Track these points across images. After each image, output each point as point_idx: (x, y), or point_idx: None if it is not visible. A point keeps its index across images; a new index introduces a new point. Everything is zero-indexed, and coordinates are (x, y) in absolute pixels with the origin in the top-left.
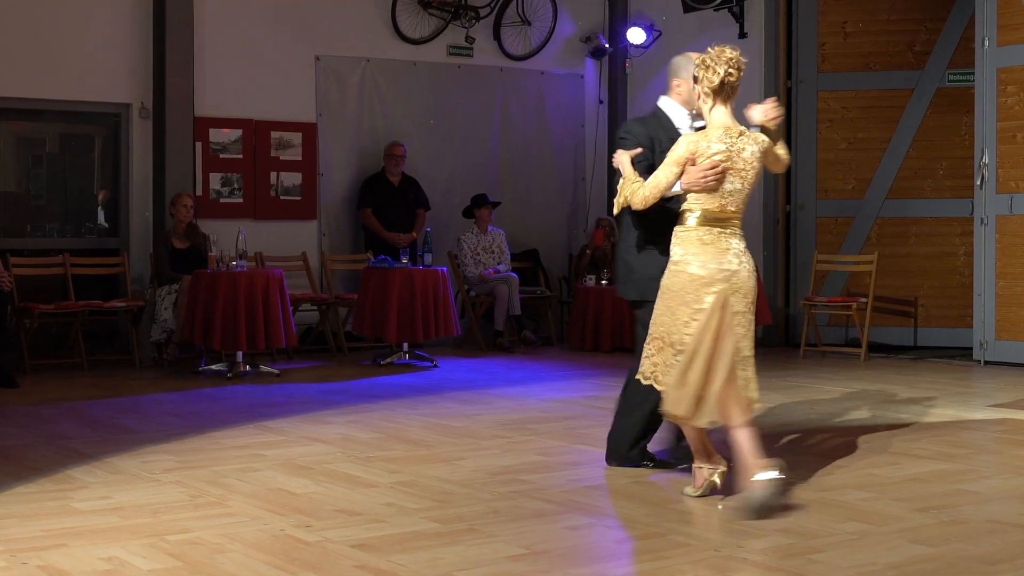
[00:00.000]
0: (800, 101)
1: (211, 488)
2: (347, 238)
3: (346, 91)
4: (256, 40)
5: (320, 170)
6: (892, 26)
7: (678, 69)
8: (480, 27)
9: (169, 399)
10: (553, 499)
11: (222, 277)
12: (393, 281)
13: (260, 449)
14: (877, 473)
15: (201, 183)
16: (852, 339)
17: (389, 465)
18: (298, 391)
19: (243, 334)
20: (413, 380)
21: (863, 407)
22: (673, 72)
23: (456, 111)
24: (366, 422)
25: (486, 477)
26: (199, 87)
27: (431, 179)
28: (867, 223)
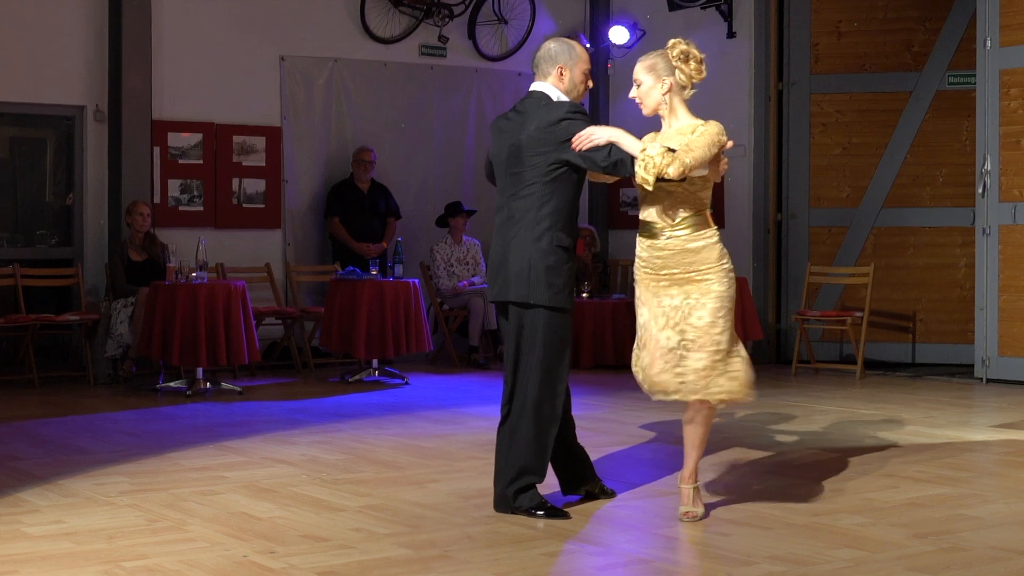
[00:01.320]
0: (792, 104)
1: (169, 512)
2: (313, 248)
3: (312, 93)
4: (217, 39)
5: (285, 176)
6: (889, 25)
7: (558, 55)
8: (454, 26)
9: (125, 418)
10: (531, 524)
11: (181, 289)
12: (362, 294)
13: (221, 471)
14: (873, 497)
15: (159, 190)
16: (847, 356)
17: (358, 488)
18: (261, 410)
19: (203, 350)
20: (383, 398)
21: (858, 427)
22: (553, 59)
23: (429, 114)
24: (333, 443)
25: (460, 501)
26: (157, 88)
27: (402, 186)
28: (863, 233)
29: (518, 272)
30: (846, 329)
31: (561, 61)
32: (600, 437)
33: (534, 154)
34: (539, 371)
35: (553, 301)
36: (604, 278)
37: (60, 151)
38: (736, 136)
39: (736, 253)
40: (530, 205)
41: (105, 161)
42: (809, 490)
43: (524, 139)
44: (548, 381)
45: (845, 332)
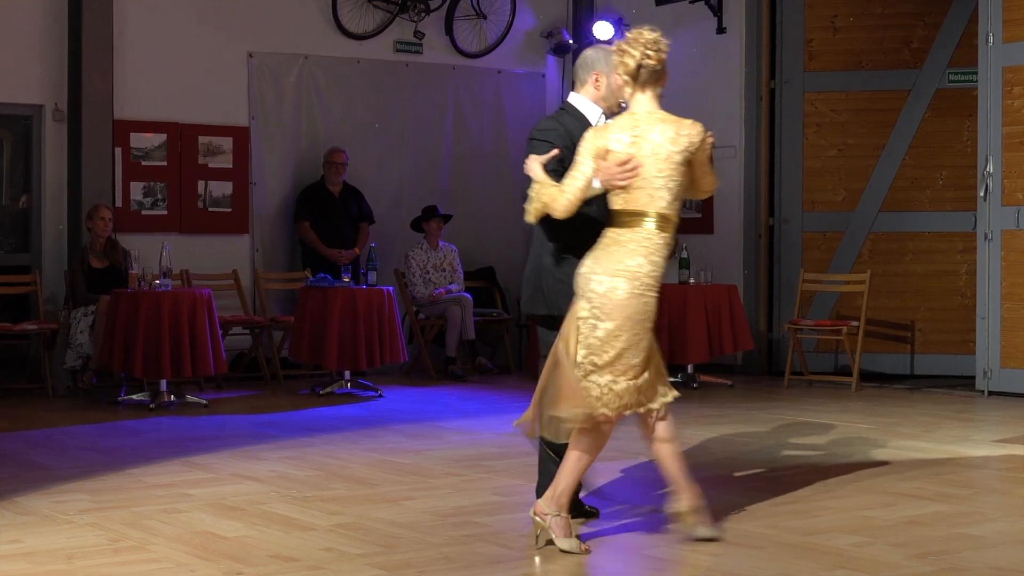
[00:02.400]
0: (785, 103)
1: (132, 531)
2: (283, 254)
3: (282, 91)
4: (182, 34)
5: (253, 179)
6: (887, 21)
7: (595, 62)
8: (430, 21)
9: (85, 432)
10: (511, 544)
11: (144, 297)
12: (334, 302)
13: (186, 488)
14: (870, 515)
15: (121, 193)
16: (842, 367)
17: (329, 506)
18: (228, 424)
19: (167, 360)
20: (356, 412)
21: (854, 442)
22: (590, 66)
23: (404, 114)
24: (303, 458)
25: (436, 519)
26: (119, 86)
27: (376, 189)
28: (859, 238)
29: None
30: (841, 339)
31: (598, 68)
32: None
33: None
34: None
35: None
36: None
37: (17, 152)
38: (726, 137)
39: (726, 259)
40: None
41: (64, 163)
42: (801, 508)
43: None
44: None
45: (840, 342)
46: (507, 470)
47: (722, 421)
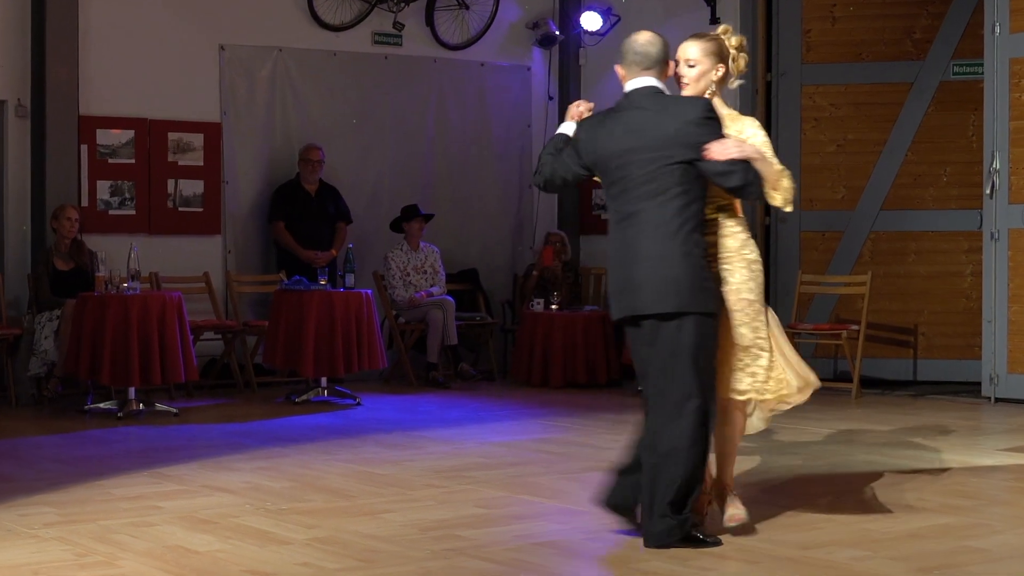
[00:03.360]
0: (781, 97)
1: (99, 546)
2: (256, 256)
3: (255, 86)
4: (151, 26)
5: (225, 177)
6: (888, 10)
7: (668, 50)
8: (410, 11)
9: (50, 442)
10: (495, 558)
11: (111, 301)
12: (309, 306)
13: (156, 500)
14: (871, 528)
15: (87, 192)
16: (842, 373)
17: (305, 519)
18: (200, 433)
19: (136, 367)
20: (333, 420)
21: (854, 451)
22: (667, 53)
23: (383, 109)
24: (278, 469)
25: (417, 533)
26: (84, 81)
27: (354, 188)
28: (859, 238)
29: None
30: (841, 344)
31: (670, 56)
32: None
33: (671, 154)
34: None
35: (706, 307)
36: (576, 288)
37: None
38: None
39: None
40: (671, 210)
41: (28, 161)
42: (799, 521)
43: (660, 139)
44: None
45: (840, 347)
46: (490, 481)
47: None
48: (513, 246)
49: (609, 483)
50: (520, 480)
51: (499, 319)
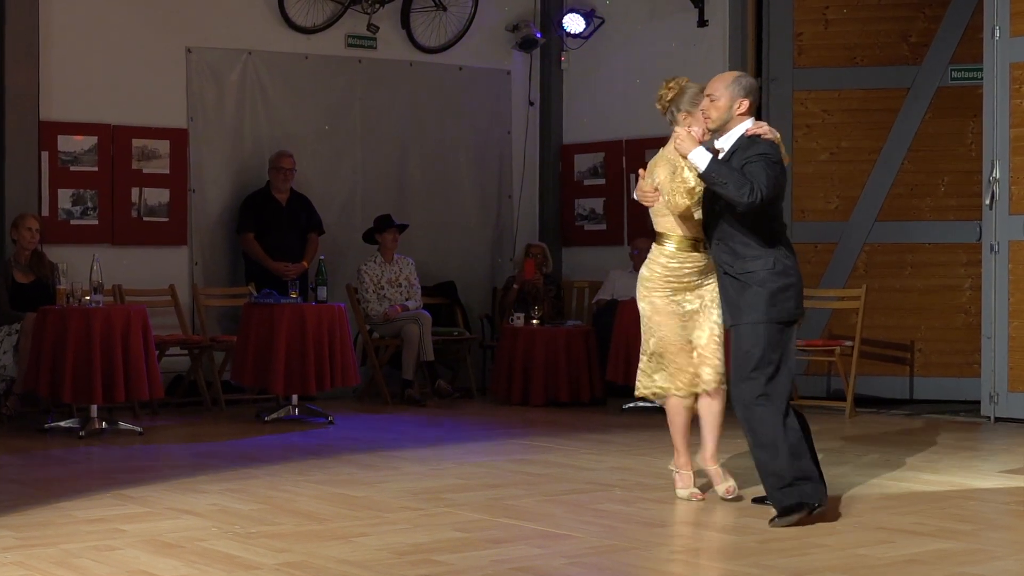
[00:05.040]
0: (772, 103)
1: (60, 571)
2: (224, 268)
3: (223, 90)
4: (115, 28)
5: (192, 186)
6: (883, 12)
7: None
8: (385, 13)
9: (8, 463)
10: None
11: (73, 315)
12: (280, 320)
13: (119, 523)
14: (865, 553)
15: (48, 201)
16: (835, 391)
17: (275, 543)
18: (165, 453)
19: (98, 384)
20: (304, 440)
21: (847, 473)
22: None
23: (356, 114)
24: (247, 491)
25: (392, 557)
26: (45, 85)
27: (326, 197)
28: (853, 250)
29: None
30: (834, 360)
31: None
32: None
33: None
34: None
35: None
36: (557, 302)
37: None
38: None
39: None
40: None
41: None
42: (790, 546)
43: None
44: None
45: (833, 364)
46: (469, 504)
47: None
48: (492, 258)
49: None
50: (499, 502)
51: (478, 334)
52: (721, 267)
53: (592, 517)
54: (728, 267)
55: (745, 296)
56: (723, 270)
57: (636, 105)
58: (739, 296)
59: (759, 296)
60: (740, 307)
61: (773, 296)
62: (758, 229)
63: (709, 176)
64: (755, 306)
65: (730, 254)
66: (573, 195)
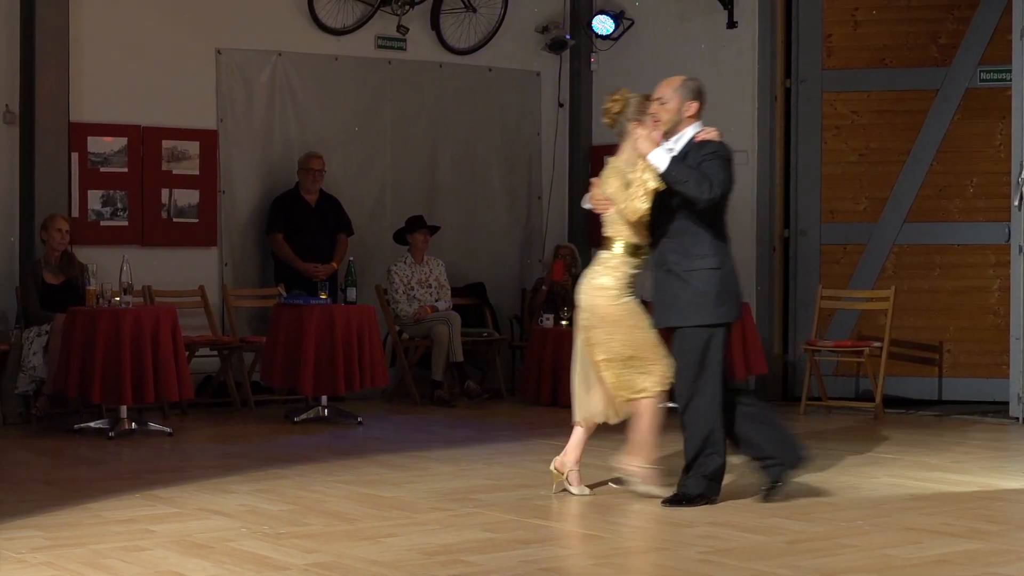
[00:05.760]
0: (801, 105)
1: (89, 571)
2: (254, 269)
3: (253, 91)
4: (145, 29)
5: (221, 187)
6: (912, 14)
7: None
8: (415, 15)
9: (39, 462)
10: None
11: (103, 316)
12: (309, 321)
13: (148, 524)
14: (894, 554)
15: (77, 202)
16: (864, 392)
17: (304, 543)
18: (195, 453)
19: (128, 385)
20: (333, 441)
21: (876, 473)
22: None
23: (386, 115)
24: (276, 491)
25: (421, 558)
26: (75, 86)
27: (355, 198)
28: (882, 252)
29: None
30: (863, 361)
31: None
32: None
33: None
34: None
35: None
36: None
37: None
38: (737, 141)
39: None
40: None
41: (16, 169)
42: (819, 546)
43: None
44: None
45: (862, 365)
46: (498, 504)
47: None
48: (521, 259)
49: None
50: (528, 503)
51: (507, 335)
52: (665, 264)
53: (620, 518)
54: (675, 265)
55: (689, 297)
56: (667, 268)
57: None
58: (682, 295)
59: (706, 298)
60: (684, 308)
61: (719, 297)
62: (708, 227)
63: (670, 175)
64: (702, 308)
65: (679, 252)
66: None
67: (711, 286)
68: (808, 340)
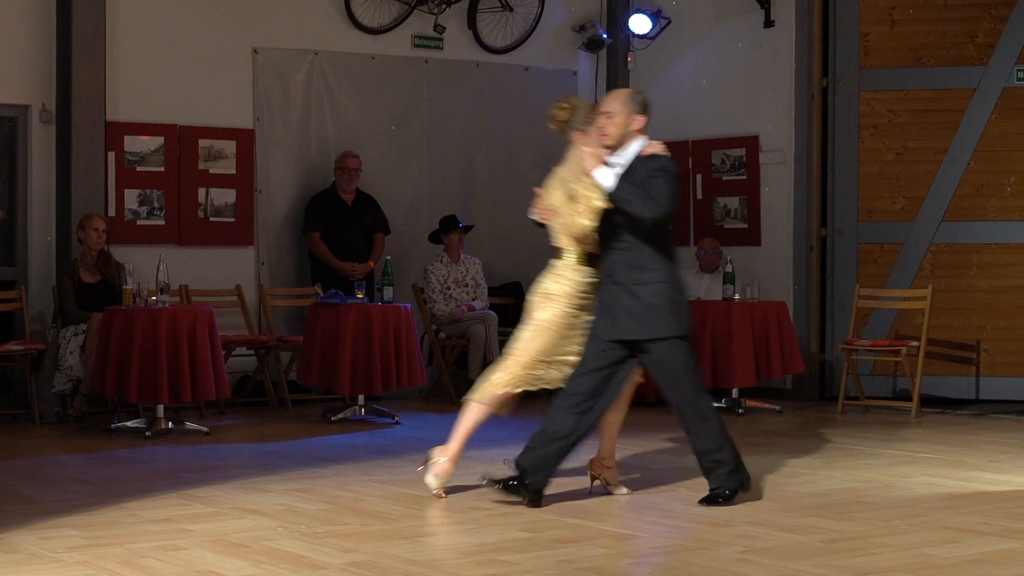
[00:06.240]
0: (838, 103)
1: (126, 570)
2: (290, 268)
3: (290, 90)
4: (181, 28)
5: (258, 186)
6: (950, 13)
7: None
8: (452, 14)
9: (75, 462)
10: None
11: (140, 315)
12: (346, 320)
13: (185, 523)
14: (931, 553)
15: (114, 202)
16: (901, 391)
17: (341, 542)
18: (231, 453)
19: (165, 384)
20: (370, 440)
21: (913, 473)
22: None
23: (422, 115)
24: (313, 490)
25: (459, 557)
26: (112, 85)
27: (392, 197)
28: (919, 251)
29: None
30: (900, 360)
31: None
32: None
33: None
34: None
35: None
36: None
37: (0, 156)
38: (774, 140)
39: (774, 274)
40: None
41: (52, 168)
42: (856, 545)
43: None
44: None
45: (899, 364)
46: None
47: (770, 450)
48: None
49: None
50: (566, 502)
51: None
52: (613, 277)
53: (658, 517)
54: (622, 277)
55: (642, 311)
56: (614, 280)
57: (702, 106)
58: (633, 308)
59: (660, 311)
60: (639, 321)
61: (671, 311)
62: (655, 241)
63: (616, 195)
64: (662, 321)
65: (626, 265)
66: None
67: (660, 299)
68: (845, 339)
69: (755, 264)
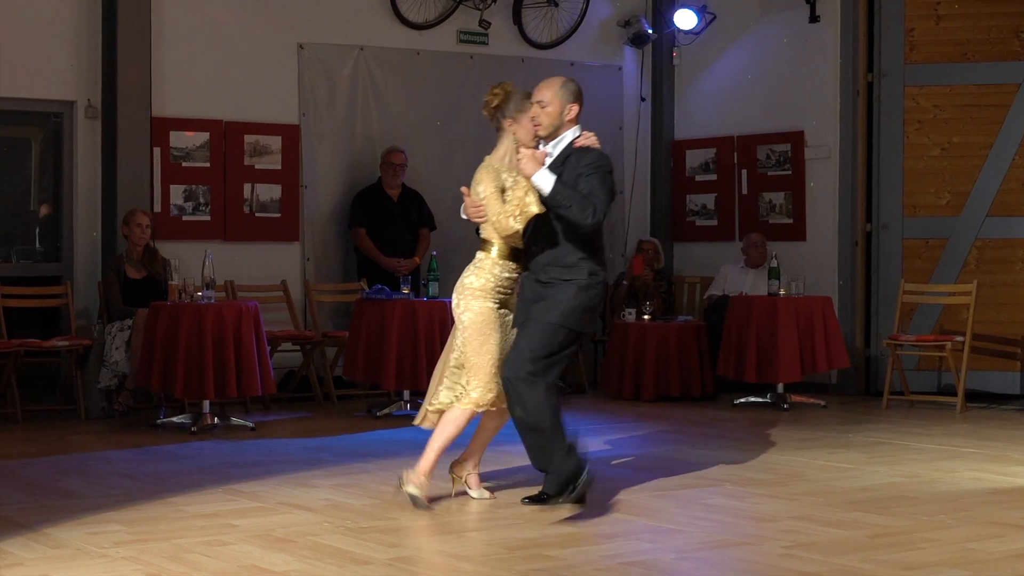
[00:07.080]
0: (883, 99)
1: (172, 565)
2: (336, 264)
3: (335, 86)
4: (226, 24)
5: (303, 181)
6: (995, 8)
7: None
8: (497, 9)
9: (121, 457)
10: None
11: (185, 311)
12: (392, 316)
13: (231, 518)
14: (976, 548)
15: (160, 197)
16: (946, 386)
17: (386, 538)
18: (277, 448)
19: (210, 380)
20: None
21: (958, 468)
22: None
23: (468, 110)
24: (359, 486)
25: (504, 552)
26: (157, 81)
27: (438, 192)
28: (964, 246)
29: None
30: (945, 356)
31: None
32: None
33: None
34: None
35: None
36: (668, 298)
37: (47, 153)
38: (819, 135)
39: (820, 269)
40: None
41: (98, 164)
42: (901, 540)
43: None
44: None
45: (944, 359)
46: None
47: (815, 445)
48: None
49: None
50: (611, 498)
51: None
52: (534, 274)
53: (703, 512)
54: (542, 274)
55: (551, 298)
56: (535, 276)
57: (747, 101)
58: (543, 295)
59: (567, 306)
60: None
61: (579, 306)
62: (581, 240)
63: (553, 200)
64: (558, 310)
65: (552, 263)
66: (684, 191)
67: (575, 297)
68: (890, 334)
69: (800, 259)
